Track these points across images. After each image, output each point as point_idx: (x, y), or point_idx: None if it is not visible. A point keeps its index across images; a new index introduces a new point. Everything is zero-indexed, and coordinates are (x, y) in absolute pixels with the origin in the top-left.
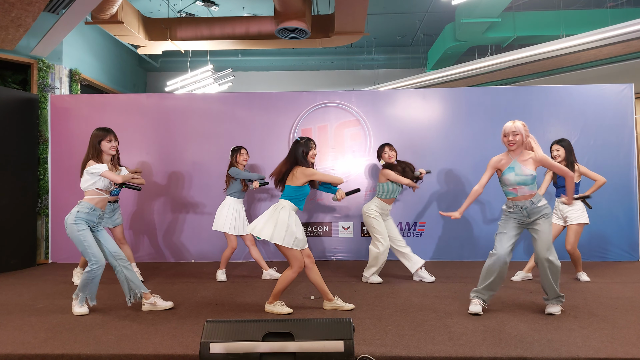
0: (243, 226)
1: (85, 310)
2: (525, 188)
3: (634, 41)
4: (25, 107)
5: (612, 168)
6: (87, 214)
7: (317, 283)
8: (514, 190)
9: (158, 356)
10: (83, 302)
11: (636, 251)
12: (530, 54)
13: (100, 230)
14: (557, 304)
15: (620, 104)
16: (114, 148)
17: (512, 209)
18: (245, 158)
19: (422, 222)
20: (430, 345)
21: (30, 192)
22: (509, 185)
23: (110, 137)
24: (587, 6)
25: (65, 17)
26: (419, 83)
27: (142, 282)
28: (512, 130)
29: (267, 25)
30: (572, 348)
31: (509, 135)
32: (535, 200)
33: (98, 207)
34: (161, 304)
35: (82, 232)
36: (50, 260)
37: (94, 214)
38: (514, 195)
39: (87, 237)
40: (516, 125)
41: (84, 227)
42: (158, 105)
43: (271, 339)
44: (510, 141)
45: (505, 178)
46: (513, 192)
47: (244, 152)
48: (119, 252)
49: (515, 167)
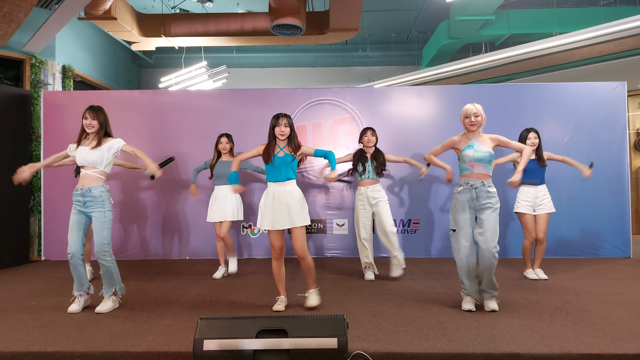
0: (217, 212)
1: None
2: (481, 167)
3: (626, 39)
4: (18, 104)
5: (604, 165)
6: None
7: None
8: (470, 167)
9: (152, 353)
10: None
11: (628, 248)
12: (524, 52)
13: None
14: (494, 299)
15: (613, 102)
16: (88, 127)
17: (462, 187)
18: (225, 146)
19: (417, 219)
20: (424, 342)
21: (22, 189)
22: (467, 162)
23: (85, 114)
24: (581, 4)
25: (58, 12)
26: (413, 80)
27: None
28: (473, 112)
29: (261, 22)
30: (564, 344)
31: (471, 116)
32: (487, 184)
33: (77, 186)
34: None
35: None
36: (43, 258)
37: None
38: (469, 172)
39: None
40: (477, 107)
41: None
42: (152, 102)
43: (265, 335)
44: (472, 122)
45: (465, 154)
46: (469, 169)
47: (223, 140)
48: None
49: (474, 145)
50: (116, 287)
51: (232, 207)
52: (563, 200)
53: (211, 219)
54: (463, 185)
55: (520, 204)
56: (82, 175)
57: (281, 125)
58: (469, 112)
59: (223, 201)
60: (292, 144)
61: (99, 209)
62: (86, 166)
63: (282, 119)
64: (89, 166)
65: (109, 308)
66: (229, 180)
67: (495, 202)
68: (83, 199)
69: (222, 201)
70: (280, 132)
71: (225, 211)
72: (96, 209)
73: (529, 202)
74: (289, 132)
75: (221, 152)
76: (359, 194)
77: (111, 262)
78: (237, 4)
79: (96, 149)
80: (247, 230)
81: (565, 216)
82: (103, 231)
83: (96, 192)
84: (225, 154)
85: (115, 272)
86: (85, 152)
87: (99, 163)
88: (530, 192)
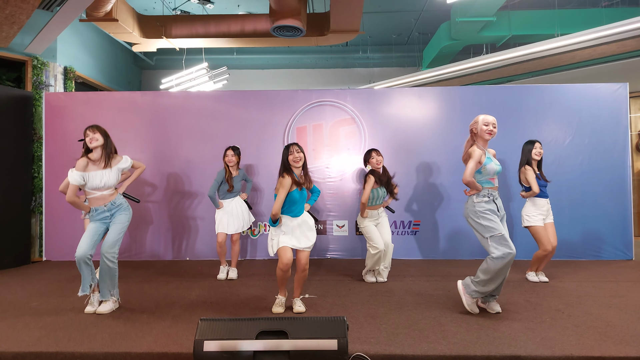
0: (228, 224)
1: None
2: (497, 178)
3: (628, 40)
4: (20, 105)
5: (606, 167)
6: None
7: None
8: (492, 179)
9: (152, 354)
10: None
11: (630, 250)
12: (525, 53)
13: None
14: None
15: (614, 103)
16: (92, 140)
17: (488, 198)
18: (230, 159)
19: (417, 221)
20: (424, 344)
21: (24, 189)
22: (490, 175)
23: (86, 132)
24: (582, 5)
25: (59, 14)
26: (414, 82)
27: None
28: (492, 121)
29: (262, 23)
30: (566, 346)
31: (490, 124)
32: (498, 194)
33: (94, 207)
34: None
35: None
36: (44, 258)
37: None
38: (492, 185)
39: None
40: (494, 118)
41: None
42: (153, 103)
43: (265, 337)
44: (491, 130)
45: (489, 168)
46: (491, 182)
47: (229, 153)
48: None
49: (490, 158)
50: (115, 288)
51: (246, 216)
52: (565, 202)
53: (227, 230)
54: (487, 197)
55: (534, 217)
56: (99, 197)
57: (296, 153)
58: (489, 120)
59: (236, 213)
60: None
61: (124, 212)
62: (101, 188)
63: (295, 147)
64: (104, 188)
65: (110, 309)
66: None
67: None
68: (110, 212)
69: (235, 213)
70: (295, 161)
71: (242, 222)
72: (121, 214)
73: (543, 215)
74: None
75: (228, 164)
76: (371, 216)
77: (116, 264)
78: (238, 6)
79: (111, 169)
80: (247, 231)
81: (567, 218)
82: (120, 232)
83: (119, 200)
84: (232, 167)
85: (116, 274)
86: (101, 175)
87: (115, 183)
88: (545, 206)
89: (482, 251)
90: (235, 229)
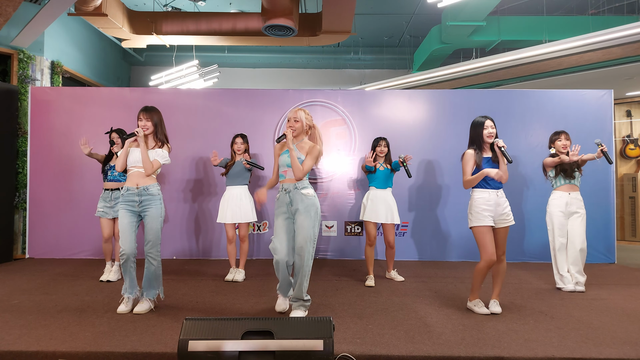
0: (233, 214)
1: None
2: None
3: (614, 48)
4: (5, 99)
5: (590, 172)
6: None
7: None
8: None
9: (136, 354)
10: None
11: (612, 254)
12: (513, 58)
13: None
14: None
15: (600, 109)
16: (143, 128)
17: (487, 193)
18: (239, 147)
19: (405, 222)
20: (409, 345)
21: (8, 185)
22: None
23: (139, 116)
24: (570, 13)
25: (47, 7)
26: (404, 84)
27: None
28: (491, 124)
29: (254, 22)
30: (548, 348)
31: (488, 127)
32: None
33: (127, 185)
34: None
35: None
36: (27, 255)
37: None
38: (495, 184)
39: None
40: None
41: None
42: (142, 100)
43: (251, 337)
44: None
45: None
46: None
47: (238, 141)
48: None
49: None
50: (160, 289)
51: (249, 208)
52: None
53: (225, 219)
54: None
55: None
56: (134, 174)
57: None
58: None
59: (238, 202)
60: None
61: (156, 206)
62: (139, 165)
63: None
64: (137, 165)
65: (147, 309)
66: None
67: None
68: (139, 198)
69: (237, 202)
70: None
71: (242, 213)
72: (153, 207)
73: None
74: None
75: (236, 152)
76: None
77: (159, 263)
78: (230, 4)
79: (154, 149)
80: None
81: None
82: (158, 231)
83: (154, 190)
84: (240, 155)
85: (160, 273)
86: (138, 153)
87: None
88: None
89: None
90: (232, 218)
